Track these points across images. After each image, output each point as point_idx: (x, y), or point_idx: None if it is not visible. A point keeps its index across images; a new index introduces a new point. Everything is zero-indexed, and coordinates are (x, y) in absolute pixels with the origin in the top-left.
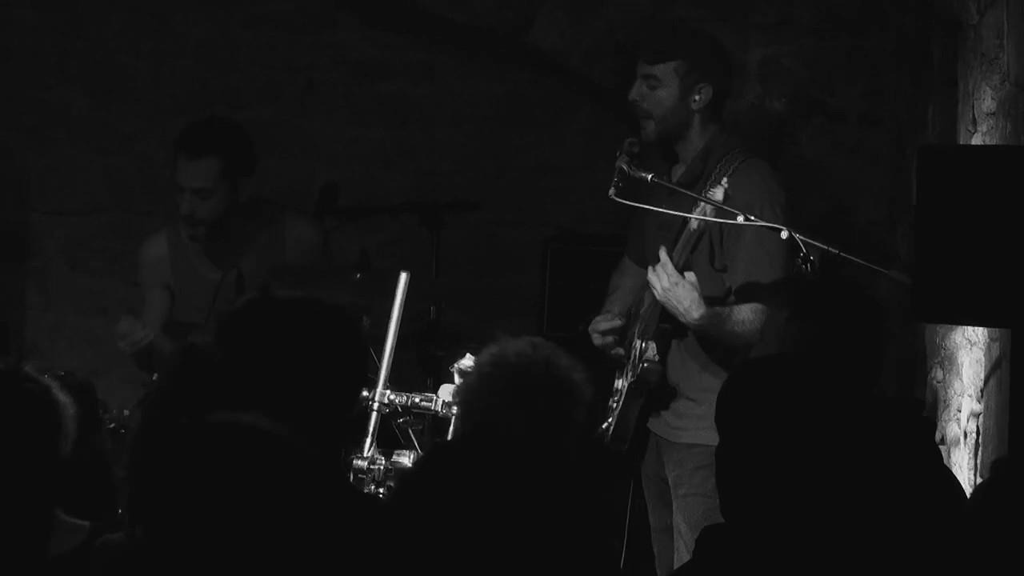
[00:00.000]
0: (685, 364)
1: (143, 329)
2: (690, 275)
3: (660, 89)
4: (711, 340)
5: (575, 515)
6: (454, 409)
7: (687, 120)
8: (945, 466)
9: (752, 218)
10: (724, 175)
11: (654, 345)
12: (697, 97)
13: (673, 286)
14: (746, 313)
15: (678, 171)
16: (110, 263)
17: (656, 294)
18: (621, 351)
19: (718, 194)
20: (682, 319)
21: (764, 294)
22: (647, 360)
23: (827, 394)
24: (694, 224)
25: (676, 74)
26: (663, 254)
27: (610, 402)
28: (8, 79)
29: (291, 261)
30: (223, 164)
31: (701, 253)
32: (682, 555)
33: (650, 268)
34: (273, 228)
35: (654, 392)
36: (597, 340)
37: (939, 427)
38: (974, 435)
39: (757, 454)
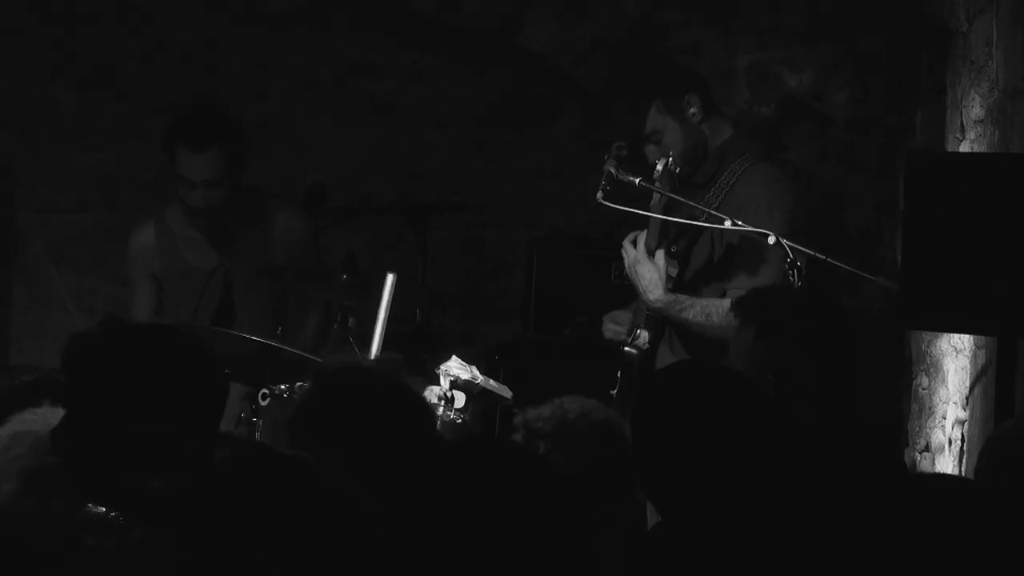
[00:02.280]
0: (673, 353)
1: None
2: (659, 255)
3: (665, 135)
4: (695, 331)
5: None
6: (439, 412)
7: (702, 134)
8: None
9: (739, 223)
10: (732, 180)
11: (645, 333)
12: (693, 111)
13: (636, 263)
14: (712, 309)
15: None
16: (96, 261)
17: (626, 273)
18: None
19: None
20: (641, 297)
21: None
22: (635, 346)
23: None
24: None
25: (662, 112)
26: (638, 235)
27: (616, 374)
28: None
29: (281, 252)
30: (227, 153)
31: (701, 248)
32: None
33: (624, 241)
34: (263, 218)
35: (639, 378)
36: (608, 333)
37: (924, 434)
38: (959, 442)
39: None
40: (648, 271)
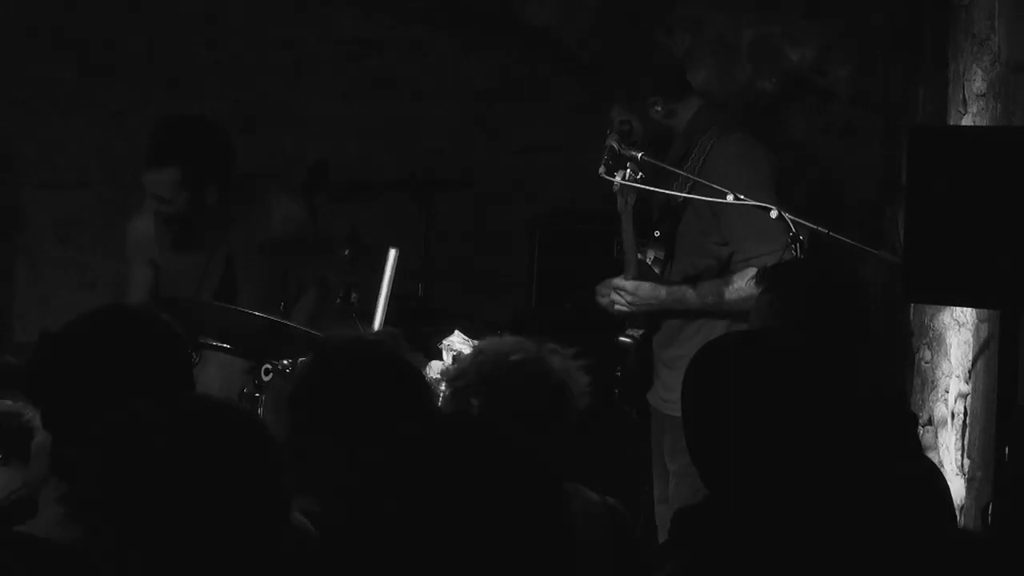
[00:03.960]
0: (670, 336)
1: None
2: (623, 281)
3: (633, 127)
4: (695, 312)
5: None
6: (442, 388)
7: (668, 126)
8: (926, 459)
9: (742, 197)
10: (702, 156)
11: (641, 318)
12: (657, 109)
13: (635, 294)
14: (723, 287)
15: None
16: (99, 238)
17: (632, 311)
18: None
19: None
20: (662, 308)
21: (749, 265)
22: (629, 335)
23: (796, 371)
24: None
25: (626, 110)
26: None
27: (615, 369)
28: None
29: (277, 236)
30: (181, 174)
31: (688, 224)
32: None
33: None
34: (259, 206)
35: (637, 365)
36: (604, 300)
37: (926, 407)
38: (961, 416)
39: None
40: (641, 288)
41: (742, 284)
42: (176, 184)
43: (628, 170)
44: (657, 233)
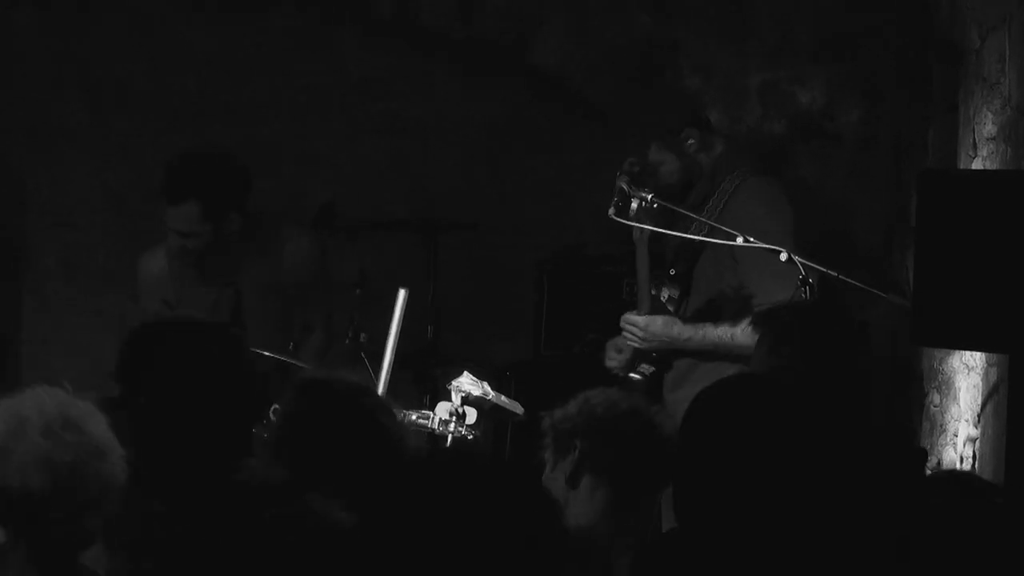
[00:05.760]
0: (680, 377)
1: None
2: (634, 317)
3: (662, 167)
4: (707, 352)
5: None
6: (451, 427)
7: (699, 163)
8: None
9: (752, 240)
10: (725, 198)
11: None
12: (691, 142)
13: (646, 330)
14: (738, 329)
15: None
16: (107, 273)
17: (643, 347)
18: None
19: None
20: (674, 346)
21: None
22: (639, 372)
23: (797, 414)
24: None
25: (662, 149)
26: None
27: None
28: (7, 88)
29: (288, 275)
30: (202, 207)
31: (706, 265)
32: None
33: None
34: (271, 243)
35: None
36: (611, 362)
37: (935, 452)
38: (971, 460)
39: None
40: (653, 324)
41: (741, 330)
42: (199, 218)
43: (643, 199)
44: (673, 271)
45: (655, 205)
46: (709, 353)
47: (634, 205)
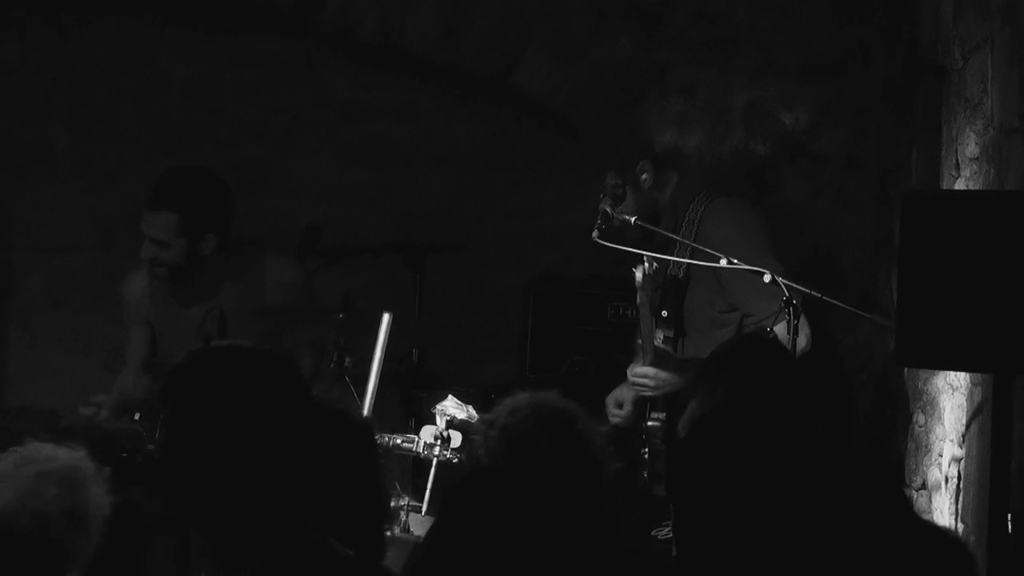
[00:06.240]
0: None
1: (98, 409)
2: (643, 368)
3: (625, 198)
4: None
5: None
6: (436, 451)
7: (654, 198)
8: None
9: (735, 262)
10: (695, 225)
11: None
12: (645, 176)
13: (656, 378)
14: None
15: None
16: (92, 301)
17: (655, 394)
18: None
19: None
20: (681, 385)
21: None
22: (655, 418)
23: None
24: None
25: (616, 180)
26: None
27: (642, 452)
28: None
29: (271, 302)
30: (180, 220)
31: (694, 299)
32: None
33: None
34: (253, 268)
35: (665, 446)
36: (615, 419)
37: (920, 471)
38: (955, 480)
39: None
40: (663, 371)
41: None
42: (174, 228)
43: (625, 221)
44: (665, 313)
45: (636, 225)
46: None
47: (640, 271)
